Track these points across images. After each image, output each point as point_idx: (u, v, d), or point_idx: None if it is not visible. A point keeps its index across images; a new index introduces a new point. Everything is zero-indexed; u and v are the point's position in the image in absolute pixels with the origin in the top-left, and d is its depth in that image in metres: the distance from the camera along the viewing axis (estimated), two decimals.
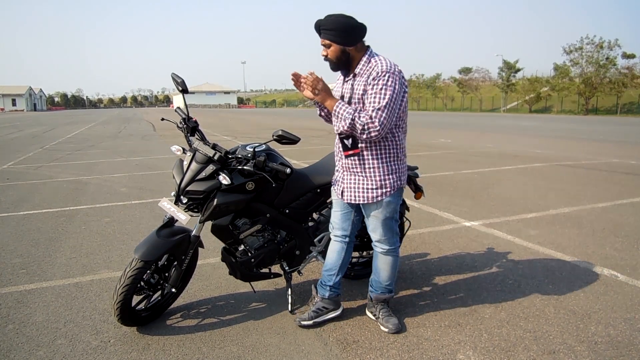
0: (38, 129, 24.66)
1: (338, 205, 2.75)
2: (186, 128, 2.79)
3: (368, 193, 2.55)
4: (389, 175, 2.54)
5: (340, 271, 2.83)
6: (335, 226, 2.80)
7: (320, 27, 2.41)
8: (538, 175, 8.13)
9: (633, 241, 4.36)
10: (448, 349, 2.54)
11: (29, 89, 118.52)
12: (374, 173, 2.53)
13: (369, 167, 2.52)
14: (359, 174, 2.55)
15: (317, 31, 2.45)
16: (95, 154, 12.25)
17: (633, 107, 47.39)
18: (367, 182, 2.54)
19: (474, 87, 65.70)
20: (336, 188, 2.70)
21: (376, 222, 2.62)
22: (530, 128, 22.94)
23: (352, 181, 2.58)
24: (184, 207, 2.69)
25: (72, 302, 3.14)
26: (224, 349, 2.57)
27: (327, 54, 2.46)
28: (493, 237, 4.51)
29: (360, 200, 2.57)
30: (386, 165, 2.53)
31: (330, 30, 2.39)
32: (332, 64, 2.49)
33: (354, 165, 2.55)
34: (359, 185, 2.56)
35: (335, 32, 2.39)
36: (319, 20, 2.42)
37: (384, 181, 2.54)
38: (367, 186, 2.54)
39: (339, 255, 2.80)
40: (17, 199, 6.54)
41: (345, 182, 2.62)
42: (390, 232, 2.68)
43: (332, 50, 2.44)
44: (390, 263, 2.74)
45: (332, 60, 2.47)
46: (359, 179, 2.56)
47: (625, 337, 2.64)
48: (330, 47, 2.43)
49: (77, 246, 4.35)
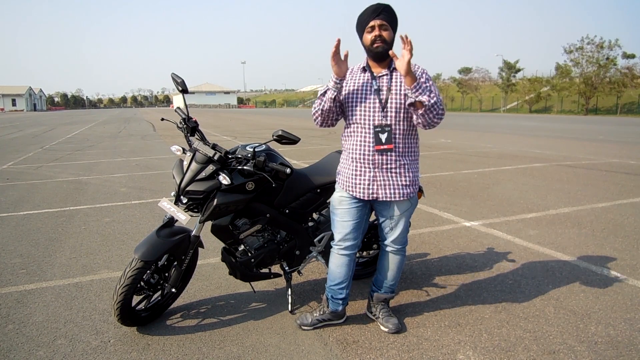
0: (38, 129, 24.65)
1: (349, 214, 2.60)
2: (186, 128, 2.79)
3: (403, 189, 2.53)
4: (416, 172, 2.61)
5: (350, 282, 2.77)
6: (345, 237, 2.63)
7: (382, 9, 2.40)
8: (538, 175, 8.13)
9: (633, 241, 4.36)
10: (448, 349, 2.54)
11: (29, 89, 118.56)
12: (406, 170, 2.53)
13: (402, 163, 2.52)
14: (393, 170, 2.51)
15: (372, 13, 2.40)
16: (95, 154, 12.25)
17: (633, 107, 47.41)
18: (400, 178, 2.52)
19: (473, 87, 65.71)
20: (361, 190, 2.53)
21: (399, 220, 2.61)
22: (530, 128, 22.94)
23: (387, 178, 2.51)
24: (184, 207, 2.69)
25: (72, 302, 3.14)
26: (224, 349, 2.57)
27: (381, 35, 2.40)
28: (493, 237, 4.51)
29: (396, 197, 2.52)
30: (415, 163, 2.60)
31: (391, 13, 2.42)
32: (385, 48, 2.43)
33: (387, 161, 2.49)
34: (393, 182, 2.51)
35: (394, 17, 2.43)
36: (381, 3, 2.41)
37: (415, 178, 2.58)
38: (401, 182, 2.52)
39: (349, 268, 2.71)
40: (17, 199, 6.54)
41: (378, 181, 2.50)
42: (407, 231, 2.70)
43: (389, 33, 2.43)
44: (399, 262, 2.74)
45: (388, 42, 2.43)
46: (392, 175, 2.51)
47: (625, 337, 2.64)
48: (387, 30, 2.42)
49: (77, 246, 4.35)
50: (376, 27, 2.40)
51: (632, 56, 48.26)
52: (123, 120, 36.91)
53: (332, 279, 2.75)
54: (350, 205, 2.60)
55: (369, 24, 2.42)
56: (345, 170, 2.61)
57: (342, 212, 2.62)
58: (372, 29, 2.42)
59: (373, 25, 2.41)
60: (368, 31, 2.43)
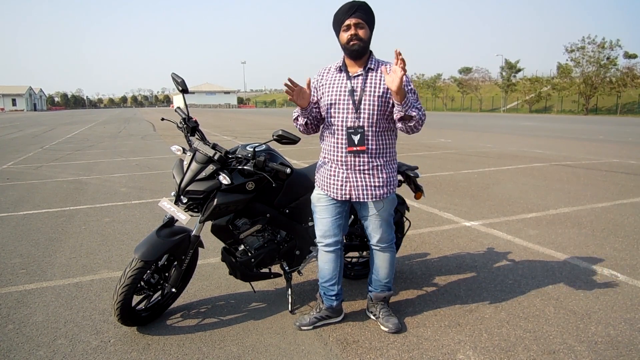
0: (38, 129, 24.65)
1: (327, 211, 2.64)
2: (186, 128, 2.79)
3: (375, 190, 2.54)
4: (392, 172, 2.60)
5: (340, 278, 2.79)
6: (325, 234, 2.67)
7: (357, 6, 2.38)
8: (538, 175, 8.13)
9: (633, 241, 4.36)
10: (448, 348, 2.54)
11: (29, 89, 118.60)
12: (379, 171, 2.53)
13: (375, 164, 2.52)
14: (365, 171, 2.52)
15: (348, 11, 2.39)
16: (95, 154, 12.25)
17: (633, 107, 47.39)
18: (373, 179, 2.53)
19: (474, 87, 65.71)
20: (335, 190, 2.57)
21: (379, 220, 2.62)
22: (530, 128, 22.93)
23: (359, 179, 2.53)
24: (184, 207, 2.69)
25: (72, 302, 3.14)
26: (224, 349, 2.57)
27: (357, 33, 2.39)
28: (493, 237, 4.51)
29: (369, 198, 2.54)
30: (390, 163, 2.59)
31: (366, 11, 2.40)
32: (361, 46, 2.42)
33: (360, 163, 2.51)
34: (365, 183, 2.53)
35: (370, 15, 2.42)
36: (356, 1, 2.39)
37: (390, 178, 2.57)
38: (374, 184, 2.53)
39: (336, 264, 2.73)
40: (17, 199, 6.54)
41: (351, 182, 2.53)
42: (390, 228, 2.70)
43: (365, 31, 2.42)
44: (389, 259, 2.74)
45: (364, 40, 2.42)
46: (365, 177, 2.53)
47: (625, 337, 2.64)
48: (363, 29, 2.41)
49: (77, 246, 4.35)
50: (352, 25, 2.40)
51: (634, 56, 48.22)
52: (123, 120, 36.91)
53: (322, 276, 2.79)
54: (327, 203, 2.64)
55: (344, 23, 2.41)
56: (321, 170, 2.67)
57: (320, 209, 2.67)
58: (348, 28, 2.41)
59: (349, 24, 2.40)
60: (344, 29, 2.43)
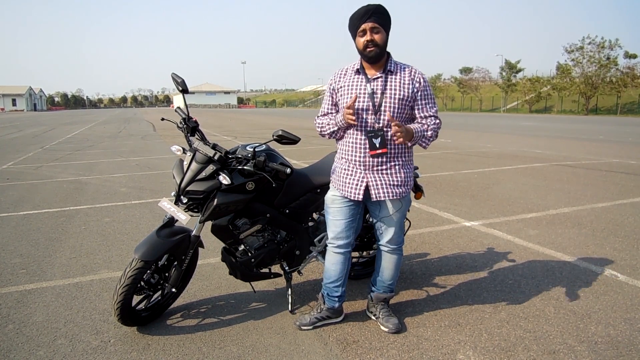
0: (38, 129, 24.65)
1: (341, 213, 2.62)
2: (186, 128, 2.79)
3: (394, 189, 2.54)
4: (409, 172, 2.61)
5: (345, 280, 2.79)
6: (338, 236, 2.66)
7: (372, 10, 2.34)
8: (538, 175, 8.13)
9: (633, 241, 4.36)
10: (448, 348, 2.54)
11: (29, 89, 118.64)
12: (397, 170, 2.54)
13: (394, 164, 2.53)
14: (384, 171, 2.52)
15: (363, 16, 2.35)
16: (95, 154, 12.25)
17: (633, 107, 47.37)
18: (392, 178, 2.53)
19: (474, 87, 65.70)
20: (350, 190, 2.55)
21: (392, 220, 2.61)
22: (530, 128, 22.93)
23: (378, 178, 2.52)
24: (184, 207, 2.69)
25: (72, 302, 3.14)
26: (224, 349, 2.57)
27: (373, 39, 2.36)
28: (493, 237, 4.51)
29: (388, 196, 2.53)
30: (408, 163, 2.61)
31: (382, 14, 2.37)
32: (378, 51, 2.39)
33: (379, 163, 2.51)
34: (384, 182, 2.52)
35: (387, 17, 2.39)
36: (370, 5, 2.36)
37: (407, 178, 2.58)
38: (393, 183, 2.53)
39: (343, 266, 2.73)
40: (17, 199, 6.54)
41: (370, 181, 2.51)
42: (401, 230, 2.71)
43: (381, 36, 2.39)
44: (396, 261, 2.74)
45: (380, 45, 2.39)
46: (383, 176, 2.52)
47: (625, 337, 2.64)
48: (379, 33, 2.38)
49: (77, 246, 4.35)
50: (367, 30, 2.36)
51: (634, 56, 48.19)
52: (123, 120, 36.91)
53: (328, 277, 2.77)
54: (342, 204, 2.62)
55: (360, 28, 2.38)
56: (337, 170, 2.65)
57: (335, 211, 2.65)
58: (364, 33, 2.38)
59: (364, 29, 2.37)
60: (360, 35, 2.40)
